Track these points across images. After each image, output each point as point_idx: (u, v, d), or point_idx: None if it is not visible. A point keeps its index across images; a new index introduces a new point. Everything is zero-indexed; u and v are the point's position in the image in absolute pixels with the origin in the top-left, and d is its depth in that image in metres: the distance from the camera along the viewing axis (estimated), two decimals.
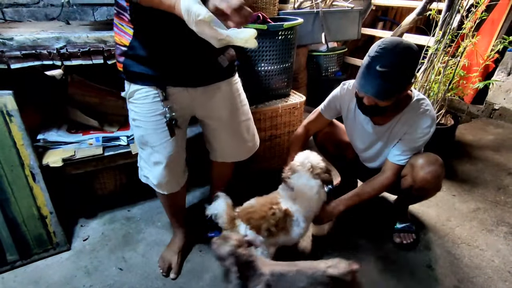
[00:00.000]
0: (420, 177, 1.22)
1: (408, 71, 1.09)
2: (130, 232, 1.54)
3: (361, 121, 1.36)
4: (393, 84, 1.08)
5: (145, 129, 1.11)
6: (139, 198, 1.74)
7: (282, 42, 1.78)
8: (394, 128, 1.28)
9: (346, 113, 1.42)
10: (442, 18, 1.94)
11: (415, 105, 1.23)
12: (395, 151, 1.29)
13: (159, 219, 1.62)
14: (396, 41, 1.07)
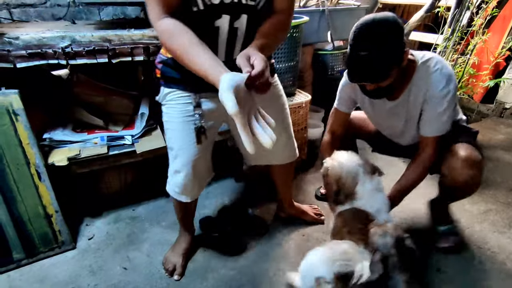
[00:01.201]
0: (461, 181, 1.16)
1: (392, 43, 1.01)
2: (135, 232, 1.53)
3: (376, 102, 1.27)
4: (382, 63, 1.02)
5: (172, 131, 1.11)
6: (143, 197, 1.74)
7: (287, 41, 1.77)
8: (409, 99, 1.19)
9: (361, 99, 1.33)
10: (451, 15, 1.91)
11: (422, 69, 1.13)
12: (424, 124, 1.20)
13: (164, 218, 1.61)
14: (367, 19, 1.01)
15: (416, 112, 1.21)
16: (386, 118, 1.32)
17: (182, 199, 1.21)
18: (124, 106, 1.64)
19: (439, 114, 1.15)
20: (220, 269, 1.32)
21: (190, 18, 0.84)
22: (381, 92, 1.12)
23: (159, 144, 1.53)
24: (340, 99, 1.39)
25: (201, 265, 1.34)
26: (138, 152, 1.47)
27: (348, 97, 1.36)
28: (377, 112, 1.33)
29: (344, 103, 1.38)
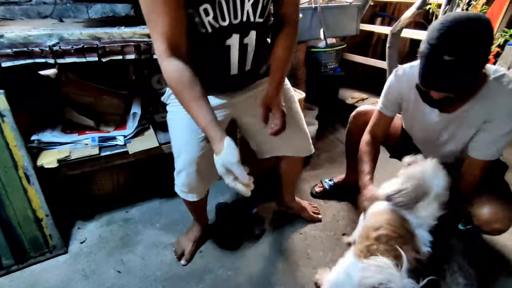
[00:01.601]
0: (486, 232, 1.14)
1: (483, 50, 0.86)
2: (128, 234, 1.50)
3: (423, 110, 1.14)
4: (467, 73, 0.87)
5: (176, 128, 1.11)
6: (137, 199, 1.71)
7: None
8: (467, 115, 1.05)
9: (406, 105, 1.20)
10: (442, 12, 1.92)
11: (493, 85, 0.98)
12: (478, 146, 1.07)
13: (158, 220, 1.59)
14: (459, 17, 0.84)
15: (469, 131, 1.08)
16: (429, 130, 1.19)
17: (190, 198, 1.18)
18: (115, 106, 1.61)
19: (500, 137, 1.02)
20: (217, 269, 1.30)
21: (200, 39, 0.86)
22: (446, 102, 0.98)
23: (152, 144, 1.50)
24: (386, 103, 1.24)
25: (198, 266, 1.32)
26: (131, 152, 1.44)
27: (395, 100, 1.21)
28: (421, 121, 1.19)
29: (389, 106, 1.24)
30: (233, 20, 0.88)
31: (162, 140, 1.57)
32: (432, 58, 0.86)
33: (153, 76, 1.56)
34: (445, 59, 0.83)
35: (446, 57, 0.83)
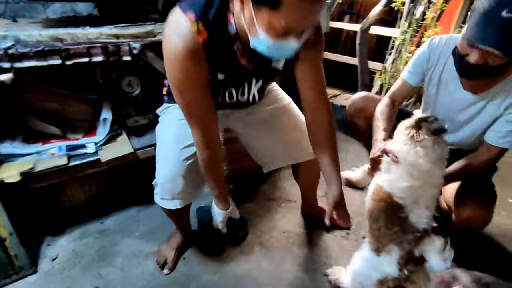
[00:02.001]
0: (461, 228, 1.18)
1: None
2: (105, 246, 1.42)
3: (448, 87, 1.12)
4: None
5: (167, 132, 1.12)
6: (112, 208, 1.62)
7: None
8: (492, 99, 1.04)
9: (430, 76, 1.17)
10: (406, 9, 2.01)
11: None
12: (494, 130, 1.06)
13: (136, 228, 1.52)
14: None
15: (489, 118, 1.07)
16: (451, 107, 1.15)
17: (172, 206, 1.11)
18: (82, 111, 1.51)
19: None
20: (202, 275, 1.27)
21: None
22: (482, 71, 0.94)
23: (126, 151, 1.42)
24: (412, 71, 1.21)
25: (182, 274, 1.28)
26: (104, 160, 1.36)
27: (421, 70, 1.19)
28: (443, 96, 1.16)
29: (415, 75, 1.21)
30: (240, 98, 1.06)
31: (137, 145, 1.50)
32: (489, 14, 0.84)
33: (123, 79, 1.48)
34: (504, 16, 0.82)
35: (505, 13, 0.81)
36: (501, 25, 0.83)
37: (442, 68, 1.11)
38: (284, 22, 0.69)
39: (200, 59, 0.82)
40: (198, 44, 0.79)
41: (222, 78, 0.92)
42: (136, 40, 1.31)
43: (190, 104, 0.90)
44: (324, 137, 1.04)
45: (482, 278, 0.72)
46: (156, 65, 1.42)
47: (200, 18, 0.78)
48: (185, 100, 0.89)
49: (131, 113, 1.57)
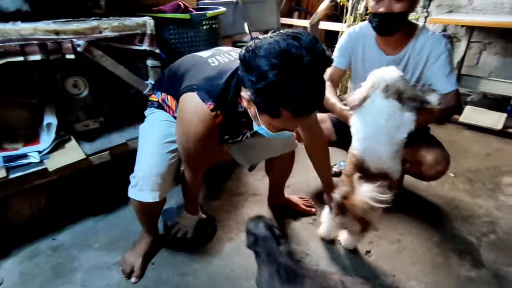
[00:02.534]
0: (430, 175, 1.34)
1: None
2: (61, 263, 1.30)
3: (372, 56, 1.38)
4: None
5: (149, 135, 1.15)
6: (65, 221, 1.48)
7: (207, 32, 1.71)
8: (410, 56, 1.32)
9: (355, 57, 1.43)
10: (350, 5, 2.13)
11: (423, 30, 1.29)
12: (440, 82, 1.29)
13: (96, 240, 1.41)
14: None
15: (414, 70, 1.33)
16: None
17: (151, 198, 1.08)
18: (21, 118, 1.36)
19: (450, 70, 1.28)
20: (174, 278, 1.22)
21: None
22: (391, 20, 1.20)
23: (78, 157, 1.32)
24: (338, 56, 1.46)
25: (152, 280, 1.22)
26: (51, 169, 1.24)
27: (347, 54, 1.44)
28: (371, 67, 1.25)
29: (342, 59, 1.46)
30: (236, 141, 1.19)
31: (89, 150, 1.39)
32: None
33: (67, 79, 1.36)
34: None
35: None
36: None
37: (362, 46, 1.39)
38: (282, 126, 0.85)
39: (214, 134, 1.00)
40: (215, 125, 0.96)
41: (227, 137, 1.13)
42: (80, 37, 1.22)
43: (195, 161, 1.07)
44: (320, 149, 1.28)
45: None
46: (105, 63, 1.33)
47: (218, 107, 0.93)
48: (190, 158, 1.06)
49: (79, 117, 1.46)
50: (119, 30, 1.31)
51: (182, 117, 0.98)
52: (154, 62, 1.48)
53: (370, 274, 1.24)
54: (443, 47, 1.27)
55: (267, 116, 0.81)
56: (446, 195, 1.70)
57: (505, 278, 1.22)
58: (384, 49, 1.35)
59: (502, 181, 1.80)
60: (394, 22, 1.22)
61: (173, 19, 1.56)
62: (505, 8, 2.45)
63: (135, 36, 1.37)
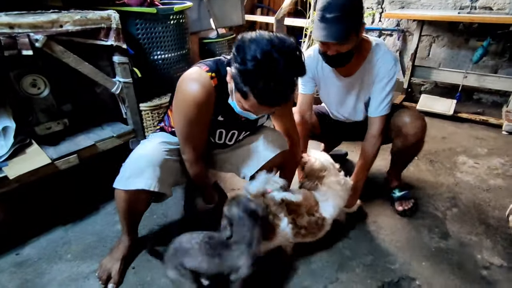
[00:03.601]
0: (412, 134, 1.36)
1: (356, 9, 1.14)
2: (28, 279, 1.19)
3: (330, 78, 1.40)
4: (347, 24, 1.12)
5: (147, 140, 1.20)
6: (29, 234, 1.36)
7: (175, 27, 1.67)
8: (363, 77, 1.34)
9: (318, 77, 1.43)
10: (313, 0, 2.20)
11: (375, 50, 1.29)
12: (372, 105, 1.35)
13: (67, 250, 1.31)
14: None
15: (368, 89, 1.35)
16: (340, 94, 1.44)
17: (137, 184, 1.04)
18: None
19: (385, 95, 1.31)
20: (158, 279, 1.17)
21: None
22: (341, 58, 1.21)
23: (42, 162, 1.22)
24: (304, 83, 1.45)
25: (135, 284, 1.16)
26: (12, 177, 1.13)
27: (310, 79, 1.43)
28: (331, 89, 1.43)
29: (307, 85, 1.45)
30: (228, 142, 1.24)
31: (54, 155, 1.30)
32: (321, 18, 1.12)
33: (24, 78, 1.25)
34: (328, 17, 1.10)
35: (328, 15, 1.10)
36: (329, 24, 1.12)
37: (321, 69, 1.39)
38: (247, 107, 0.94)
39: (210, 101, 1.03)
40: (211, 87, 1.01)
41: (221, 120, 1.12)
42: (38, 31, 1.12)
43: (192, 134, 1.08)
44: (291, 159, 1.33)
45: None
46: (67, 60, 1.24)
47: (213, 71, 1.01)
48: (188, 129, 1.06)
49: (40, 119, 1.35)
50: (82, 24, 1.22)
51: (180, 85, 1.03)
52: (122, 58, 1.40)
53: (350, 254, 1.30)
54: (389, 70, 1.29)
55: (238, 94, 0.92)
56: (412, 176, 1.83)
57: (468, 245, 1.35)
58: (340, 72, 1.37)
59: (458, 160, 1.98)
60: (344, 58, 1.22)
61: (139, 13, 1.49)
62: (449, 3, 2.69)
63: (100, 31, 1.29)
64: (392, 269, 1.23)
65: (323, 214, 1.23)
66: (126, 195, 1.07)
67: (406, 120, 1.38)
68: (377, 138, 1.37)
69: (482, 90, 2.82)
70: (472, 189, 1.71)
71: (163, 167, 1.09)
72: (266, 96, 0.88)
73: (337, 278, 1.19)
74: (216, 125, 1.14)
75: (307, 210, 1.21)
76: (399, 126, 1.39)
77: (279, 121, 1.29)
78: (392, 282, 1.17)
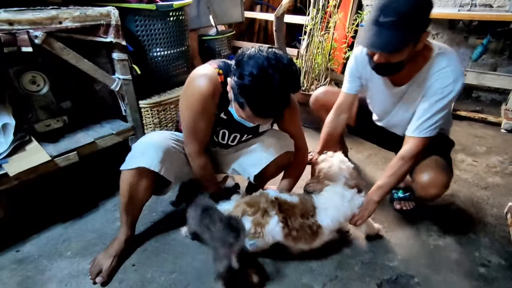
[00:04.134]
0: (432, 194, 1.23)
1: (417, 16, 0.95)
2: (29, 276, 1.19)
3: (378, 83, 1.25)
4: (401, 33, 0.95)
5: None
6: (29, 231, 1.36)
7: (174, 24, 1.66)
8: (415, 89, 1.14)
9: (366, 79, 1.30)
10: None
11: (436, 60, 1.07)
12: (413, 122, 1.15)
13: (67, 247, 1.31)
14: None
15: (415, 104, 1.16)
16: (387, 104, 1.29)
17: (147, 161, 1.09)
18: None
19: (433, 113, 1.10)
20: (159, 277, 1.18)
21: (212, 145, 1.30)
22: (389, 68, 1.06)
23: (41, 159, 1.21)
24: (349, 82, 1.35)
25: (135, 281, 1.17)
26: (12, 174, 1.13)
27: (356, 78, 1.32)
28: (378, 95, 1.30)
29: (352, 84, 1.34)
30: (230, 143, 1.29)
31: (53, 152, 1.29)
32: (373, 20, 0.98)
33: (24, 75, 1.24)
34: (381, 21, 0.95)
35: (382, 18, 0.95)
36: (380, 29, 0.97)
37: (370, 71, 1.20)
38: (244, 116, 1.00)
39: (216, 94, 1.07)
40: (218, 82, 1.06)
41: (224, 118, 1.16)
42: (37, 27, 1.11)
43: (196, 126, 1.11)
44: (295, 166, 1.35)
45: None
46: (66, 56, 1.24)
47: (221, 68, 1.07)
48: (193, 122, 1.10)
49: (39, 116, 1.34)
50: (81, 20, 1.22)
51: (189, 80, 1.08)
52: (121, 55, 1.40)
53: (350, 251, 1.31)
54: (443, 87, 1.06)
55: (236, 104, 0.98)
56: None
57: (466, 243, 1.35)
58: (390, 78, 1.20)
59: (456, 158, 1.99)
60: (393, 68, 1.07)
61: (138, 10, 1.48)
62: (449, 1, 2.69)
63: (99, 27, 1.28)
64: (390, 267, 1.24)
65: (319, 222, 1.15)
66: (129, 176, 1.11)
67: (425, 178, 1.22)
68: (406, 162, 1.18)
69: (481, 88, 2.82)
70: (471, 187, 1.72)
71: (167, 153, 1.13)
72: (261, 109, 0.95)
73: (336, 275, 1.20)
74: (219, 123, 1.18)
75: (301, 213, 1.14)
76: (419, 182, 1.24)
77: (285, 130, 1.29)
78: (391, 279, 1.18)
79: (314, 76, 2.35)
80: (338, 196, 1.18)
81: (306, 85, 2.36)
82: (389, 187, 1.24)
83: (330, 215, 1.16)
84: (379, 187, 1.24)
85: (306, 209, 1.15)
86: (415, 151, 1.16)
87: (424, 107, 1.12)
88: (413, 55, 1.04)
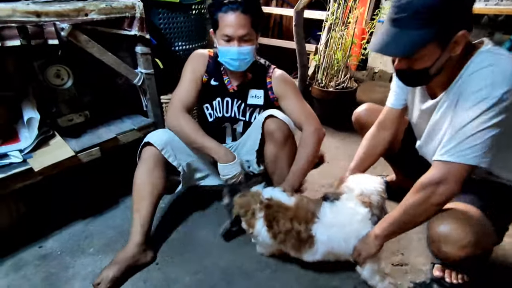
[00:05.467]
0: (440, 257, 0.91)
1: (441, 11, 0.73)
2: (53, 272, 1.18)
3: (418, 95, 1.03)
4: (415, 33, 0.75)
5: None
6: (51, 227, 1.35)
7: (196, 17, 1.63)
8: (444, 100, 0.89)
9: (408, 94, 1.11)
10: None
11: (475, 59, 0.81)
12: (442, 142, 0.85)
13: (89, 244, 1.30)
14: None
15: (446, 122, 0.90)
16: (420, 123, 1.06)
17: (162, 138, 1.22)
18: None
19: (463, 127, 0.79)
20: (184, 277, 1.15)
21: (208, 124, 1.35)
22: (414, 76, 0.85)
23: (65, 154, 1.19)
24: (395, 96, 1.14)
25: (160, 281, 1.14)
26: (37, 169, 1.11)
27: (402, 92, 1.11)
28: (415, 112, 1.07)
29: (397, 99, 1.13)
30: (225, 114, 1.33)
31: (76, 147, 1.27)
32: (387, 19, 0.81)
33: (49, 69, 1.22)
34: (393, 18, 0.78)
35: (394, 15, 0.77)
36: (392, 28, 0.79)
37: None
38: (223, 33, 1.13)
39: (203, 62, 1.28)
40: (206, 54, 1.29)
41: (215, 84, 1.29)
42: (64, 19, 1.09)
43: (181, 86, 1.27)
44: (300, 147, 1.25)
45: None
46: (91, 50, 1.21)
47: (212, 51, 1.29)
48: (180, 84, 1.27)
49: (62, 111, 1.32)
50: (106, 12, 1.19)
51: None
52: (144, 48, 1.37)
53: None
54: (476, 90, 0.77)
55: (217, 35, 1.17)
56: None
57: None
58: (427, 91, 0.98)
59: None
60: (418, 77, 0.86)
61: (162, 2, 1.46)
62: None
63: (124, 20, 1.26)
64: (423, 271, 1.19)
65: (315, 233, 1.01)
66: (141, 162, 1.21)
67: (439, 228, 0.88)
68: (418, 190, 0.86)
69: None
70: None
71: (171, 139, 1.24)
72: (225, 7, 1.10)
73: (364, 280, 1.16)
74: (211, 91, 1.29)
75: (293, 217, 1.02)
76: (430, 233, 0.92)
77: (284, 109, 1.28)
78: (424, 284, 1.14)
79: (333, 73, 2.30)
80: (349, 211, 1.00)
81: (325, 81, 2.31)
82: (392, 220, 0.93)
83: (331, 237, 1.01)
84: (383, 219, 0.97)
85: (300, 214, 1.03)
86: (434, 179, 0.83)
87: (453, 122, 0.84)
88: (449, 60, 0.81)
